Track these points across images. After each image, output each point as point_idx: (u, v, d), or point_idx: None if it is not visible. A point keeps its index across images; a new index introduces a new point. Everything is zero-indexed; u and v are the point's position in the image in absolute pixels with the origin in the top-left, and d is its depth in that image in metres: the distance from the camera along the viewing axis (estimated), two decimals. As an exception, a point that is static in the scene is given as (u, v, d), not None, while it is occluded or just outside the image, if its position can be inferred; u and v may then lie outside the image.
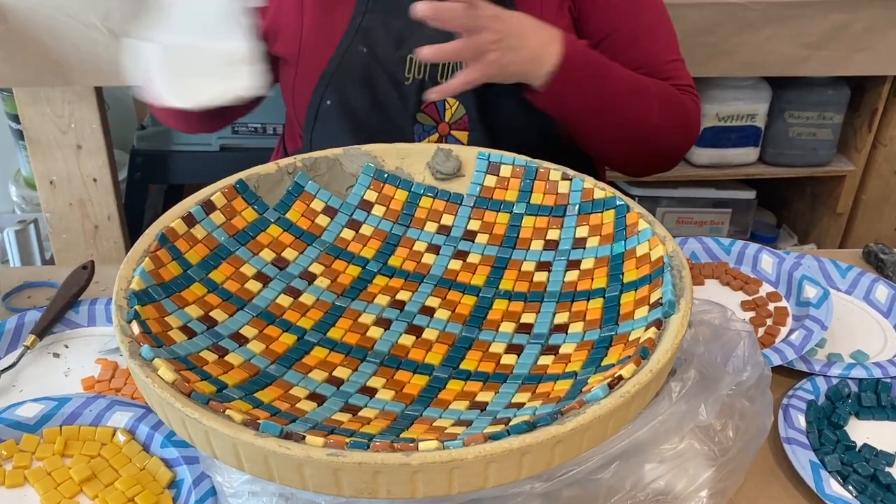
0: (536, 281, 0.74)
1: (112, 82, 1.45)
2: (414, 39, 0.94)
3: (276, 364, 0.63)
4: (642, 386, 0.54)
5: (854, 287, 0.97)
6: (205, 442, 0.53)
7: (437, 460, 0.49)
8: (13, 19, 1.37)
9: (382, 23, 0.94)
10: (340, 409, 0.60)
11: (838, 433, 0.75)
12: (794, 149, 1.76)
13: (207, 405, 0.53)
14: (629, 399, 0.54)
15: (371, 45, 0.94)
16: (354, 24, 0.94)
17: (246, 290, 0.69)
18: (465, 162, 0.83)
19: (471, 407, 0.61)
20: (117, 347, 0.82)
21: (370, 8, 0.94)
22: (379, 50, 0.94)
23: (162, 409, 0.55)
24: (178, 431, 0.55)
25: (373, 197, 0.81)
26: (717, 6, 1.50)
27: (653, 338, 0.59)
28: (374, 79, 0.95)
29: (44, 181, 1.55)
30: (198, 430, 0.52)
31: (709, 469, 0.64)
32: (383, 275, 0.75)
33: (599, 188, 0.78)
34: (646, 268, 0.69)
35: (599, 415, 0.52)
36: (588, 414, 0.52)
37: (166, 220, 0.69)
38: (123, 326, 0.58)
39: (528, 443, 0.50)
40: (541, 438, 0.50)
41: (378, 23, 0.94)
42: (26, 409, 0.71)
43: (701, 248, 1.02)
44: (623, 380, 0.55)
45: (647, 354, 0.57)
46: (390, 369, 0.65)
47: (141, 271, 0.63)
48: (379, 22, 0.94)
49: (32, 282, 0.95)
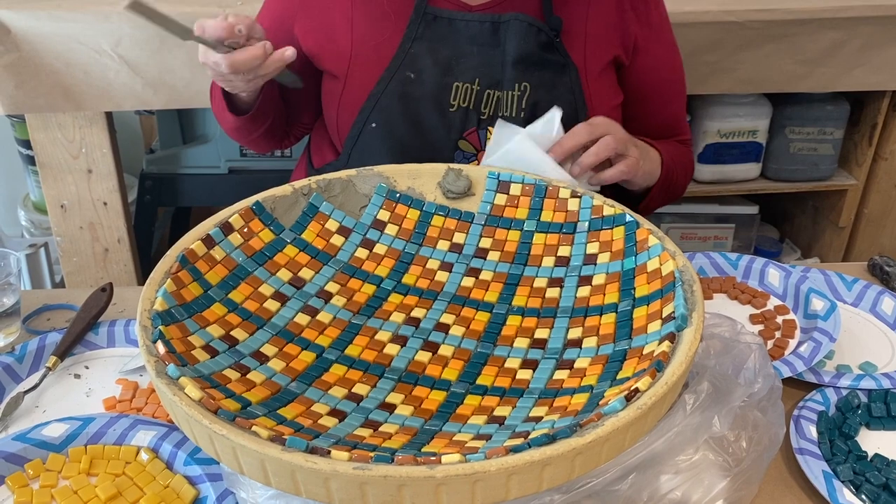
0: (549, 297, 0.75)
1: (122, 107, 1.48)
2: (461, 68, 0.97)
3: (296, 381, 0.65)
4: (658, 398, 0.56)
5: (860, 299, 0.98)
6: (232, 458, 0.54)
7: (461, 473, 0.50)
8: (26, 47, 1.39)
9: (430, 50, 0.97)
10: (362, 424, 0.61)
11: (850, 443, 0.76)
12: (796, 164, 1.78)
13: (234, 422, 0.54)
14: (646, 411, 0.55)
15: (418, 71, 0.97)
16: (403, 50, 0.97)
17: (265, 310, 0.70)
18: (475, 181, 0.85)
19: (489, 421, 0.62)
20: (137, 368, 0.84)
21: (419, 35, 0.97)
22: (426, 76, 0.97)
23: (189, 426, 0.56)
24: (205, 448, 0.56)
25: (386, 216, 0.82)
26: (716, 25, 1.52)
27: (667, 351, 0.60)
28: (419, 104, 0.97)
29: (55, 205, 1.57)
30: (225, 447, 0.54)
31: (724, 480, 0.65)
32: (398, 293, 0.76)
33: (608, 205, 0.79)
34: (657, 283, 0.70)
35: (617, 426, 0.53)
36: (607, 426, 0.53)
37: (186, 241, 0.71)
38: (149, 346, 0.59)
39: (549, 455, 0.51)
40: (561, 450, 0.51)
41: (426, 50, 0.97)
42: (52, 429, 0.72)
43: (708, 262, 1.03)
44: (639, 392, 0.56)
45: (662, 367, 0.58)
46: (408, 385, 0.66)
47: (163, 292, 0.65)
48: (427, 49, 0.97)
49: (51, 304, 0.96)
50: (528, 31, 0.96)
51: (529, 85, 0.97)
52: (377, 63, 0.98)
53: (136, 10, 0.76)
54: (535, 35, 0.96)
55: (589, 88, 0.99)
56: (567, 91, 0.98)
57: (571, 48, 0.99)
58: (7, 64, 1.39)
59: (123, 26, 1.39)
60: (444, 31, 0.97)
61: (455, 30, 0.97)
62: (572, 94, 0.98)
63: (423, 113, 0.97)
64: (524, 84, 0.97)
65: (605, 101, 1.01)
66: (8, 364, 0.83)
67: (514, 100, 0.96)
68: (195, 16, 1.37)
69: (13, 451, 0.71)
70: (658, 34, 1.05)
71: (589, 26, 1.00)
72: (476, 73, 0.97)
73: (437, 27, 0.97)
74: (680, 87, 1.11)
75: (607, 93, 1.02)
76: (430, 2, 0.97)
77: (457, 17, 0.97)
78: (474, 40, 0.97)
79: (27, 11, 1.38)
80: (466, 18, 0.97)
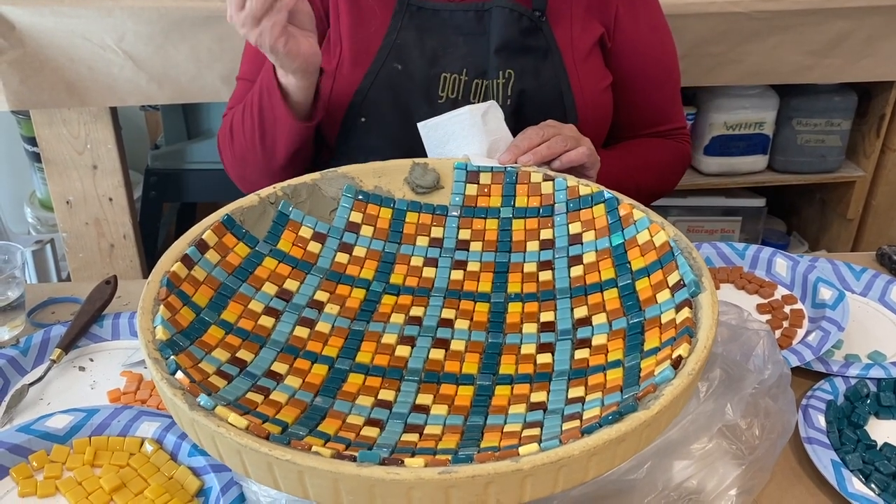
0: (543, 280, 0.75)
1: (127, 102, 1.48)
2: (448, 59, 0.96)
3: (320, 396, 0.63)
4: (701, 362, 0.56)
5: (869, 289, 0.97)
6: (296, 482, 0.51)
7: (547, 461, 0.49)
8: (30, 43, 1.39)
9: (416, 40, 0.96)
10: (404, 430, 0.60)
11: (858, 432, 0.76)
12: (803, 156, 1.77)
13: (290, 445, 0.52)
14: (694, 376, 0.55)
15: (405, 62, 0.96)
16: (389, 41, 0.96)
17: (261, 327, 0.68)
18: (443, 174, 0.84)
19: (531, 409, 0.61)
20: (141, 360, 0.84)
21: (404, 25, 0.96)
22: (413, 67, 0.96)
23: (240, 456, 0.52)
24: (259, 477, 0.53)
25: (358, 218, 0.81)
26: (722, 16, 1.51)
27: (690, 317, 0.60)
28: (407, 96, 0.96)
29: (60, 201, 1.57)
30: (289, 472, 0.51)
31: (738, 468, 0.65)
32: (389, 293, 0.75)
33: (584, 185, 0.79)
34: (652, 254, 0.70)
35: (675, 395, 0.54)
36: (666, 395, 0.53)
37: (166, 264, 0.67)
38: (170, 380, 0.56)
39: (624, 431, 0.51)
40: (633, 425, 0.51)
41: (412, 40, 0.96)
42: (56, 421, 0.72)
43: (715, 252, 1.03)
44: (683, 359, 0.56)
45: (693, 333, 0.59)
46: (432, 385, 0.65)
47: (161, 320, 0.61)
48: (413, 39, 0.96)
49: (56, 297, 0.96)
50: (510, 17, 0.95)
51: (513, 72, 0.96)
52: (365, 57, 0.96)
53: None
54: (516, 21, 0.95)
55: (576, 71, 0.98)
56: (552, 76, 0.97)
57: (557, 29, 0.97)
58: (12, 60, 1.39)
59: (127, 21, 1.39)
60: (430, 22, 0.96)
61: (440, 20, 0.96)
62: (557, 78, 0.97)
63: (412, 105, 0.96)
64: (508, 71, 0.96)
65: (592, 85, 0.99)
66: (13, 357, 0.83)
67: (500, 88, 0.95)
68: (196, 10, 1.38)
69: (17, 442, 0.71)
70: (642, 12, 1.02)
71: (574, 7, 0.99)
72: (463, 64, 0.96)
73: (422, 18, 0.96)
74: (669, 71, 1.08)
75: (594, 76, 1.00)
76: None
77: (441, 8, 0.96)
78: (460, 30, 0.96)
79: (31, 7, 1.38)
80: (450, 8, 0.96)
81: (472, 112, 0.87)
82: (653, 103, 1.08)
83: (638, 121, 1.08)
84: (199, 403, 0.54)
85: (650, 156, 1.07)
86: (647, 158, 1.06)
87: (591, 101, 0.99)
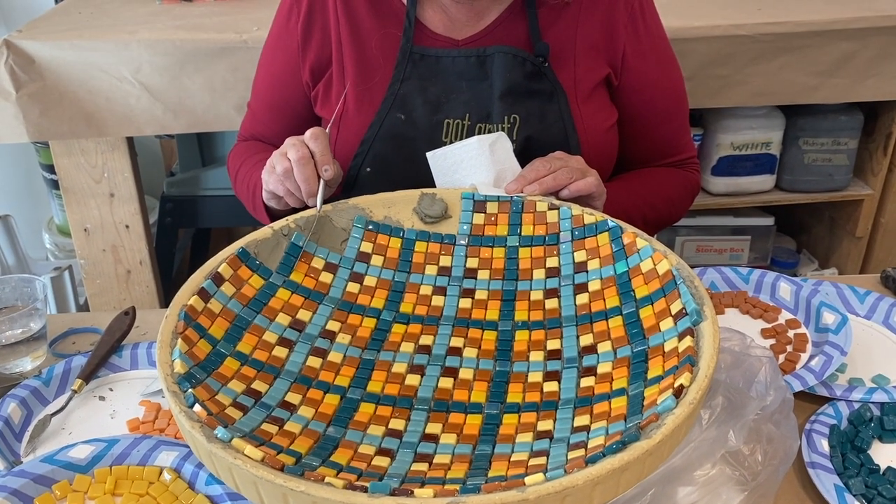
0: (549, 308, 0.77)
1: (144, 132, 1.51)
2: (451, 104, 0.98)
3: (332, 426, 0.65)
4: (703, 391, 0.57)
5: (873, 312, 0.99)
6: None
7: (552, 491, 0.51)
8: (49, 76, 1.43)
9: (419, 89, 0.98)
10: (414, 459, 0.62)
11: (862, 457, 0.77)
12: (811, 175, 1.78)
13: (304, 476, 0.53)
14: (696, 405, 0.57)
15: (408, 111, 0.98)
16: (392, 92, 0.98)
17: (275, 358, 0.70)
18: (450, 204, 0.86)
19: (537, 437, 0.63)
20: (159, 390, 0.86)
21: (408, 75, 0.98)
22: (416, 116, 0.98)
23: (255, 488, 0.54)
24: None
25: (369, 248, 0.83)
26: (727, 39, 1.53)
27: (692, 346, 0.62)
28: (411, 143, 0.98)
29: (78, 229, 1.61)
30: (303, 502, 0.52)
31: (741, 494, 0.66)
32: (399, 322, 0.77)
33: (588, 213, 0.81)
34: (655, 282, 0.72)
35: (677, 424, 0.55)
36: (668, 424, 0.55)
37: (183, 297, 0.69)
38: (188, 413, 0.58)
39: (626, 460, 0.53)
40: (636, 454, 0.53)
41: (415, 89, 0.98)
42: (78, 451, 0.74)
43: (720, 277, 1.04)
44: (685, 388, 0.58)
45: (694, 362, 0.60)
46: (441, 413, 0.67)
47: (179, 353, 0.63)
48: (416, 88, 0.98)
49: (76, 328, 0.99)
50: (513, 62, 0.96)
51: (519, 117, 0.97)
52: (369, 107, 0.99)
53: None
54: (520, 66, 0.97)
55: (579, 112, 0.99)
56: (557, 118, 0.98)
57: (561, 71, 0.99)
58: (32, 93, 1.43)
59: (143, 54, 1.43)
60: (432, 70, 0.98)
61: (443, 67, 0.98)
62: (562, 121, 0.98)
63: (416, 152, 0.97)
64: (513, 116, 0.97)
65: (597, 125, 1.01)
66: (35, 388, 0.86)
67: (505, 132, 0.96)
68: (211, 42, 1.42)
69: (41, 472, 0.73)
70: (649, 48, 1.03)
71: (578, 47, 0.99)
72: (466, 109, 0.98)
73: (425, 66, 0.98)
74: (678, 104, 1.09)
75: (598, 115, 1.01)
76: (415, 42, 0.98)
77: (443, 55, 0.98)
78: (462, 76, 0.98)
79: (50, 42, 1.42)
80: (453, 55, 0.98)
81: (481, 142, 0.89)
82: (662, 136, 1.08)
83: (648, 154, 1.08)
84: (217, 436, 0.56)
85: (658, 185, 1.08)
86: (654, 188, 1.07)
87: (595, 141, 1.00)
